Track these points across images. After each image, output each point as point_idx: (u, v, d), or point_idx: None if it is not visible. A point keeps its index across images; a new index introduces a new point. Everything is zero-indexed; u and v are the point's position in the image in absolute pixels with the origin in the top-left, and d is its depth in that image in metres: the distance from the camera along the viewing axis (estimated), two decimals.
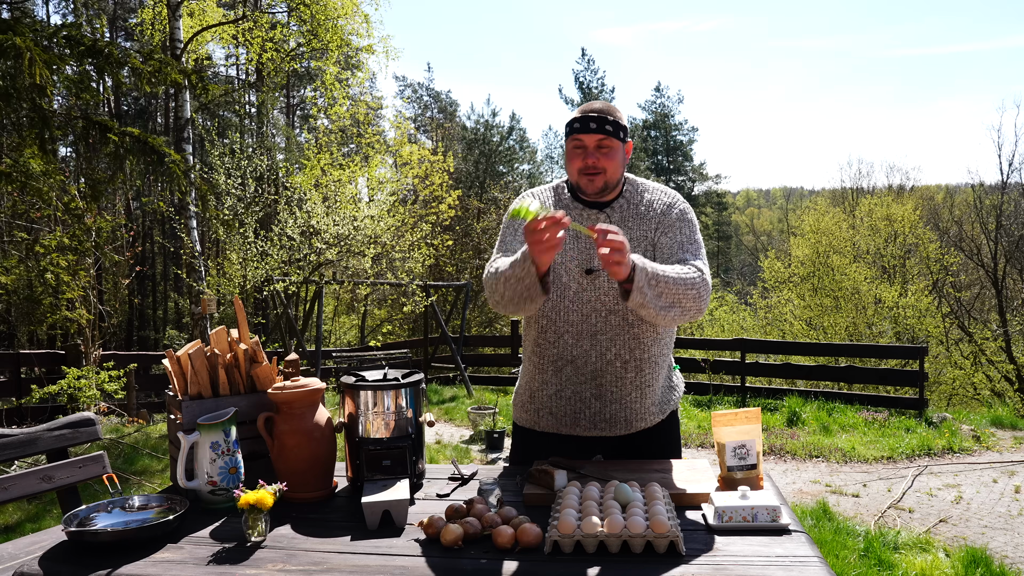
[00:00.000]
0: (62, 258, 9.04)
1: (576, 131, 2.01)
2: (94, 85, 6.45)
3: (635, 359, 2.05)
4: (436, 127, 31.52)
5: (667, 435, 2.19)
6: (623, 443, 2.14)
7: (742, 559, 1.43)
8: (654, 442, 2.16)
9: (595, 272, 2.04)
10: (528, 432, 2.23)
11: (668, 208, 2.10)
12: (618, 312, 2.03)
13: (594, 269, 2.04)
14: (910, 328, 16.36)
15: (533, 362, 2.16)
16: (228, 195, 10.62)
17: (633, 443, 2.15)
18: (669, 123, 38.60)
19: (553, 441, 2.16)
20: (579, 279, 2.05)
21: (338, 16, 13.38)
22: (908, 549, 4.50)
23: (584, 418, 2.10)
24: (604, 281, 2.03)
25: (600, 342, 2.04)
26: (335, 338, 24.86)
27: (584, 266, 2.05)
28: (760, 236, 42.25)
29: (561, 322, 2.07)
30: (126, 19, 25.84)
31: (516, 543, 1.49)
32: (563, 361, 2.09)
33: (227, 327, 2.08)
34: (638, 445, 2.15)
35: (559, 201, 2.15)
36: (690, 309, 1.92)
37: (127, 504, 1.73)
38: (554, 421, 2.14)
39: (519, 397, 2.26)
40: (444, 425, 9.03)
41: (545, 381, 2.13)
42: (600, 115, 2.00)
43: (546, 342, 2.10)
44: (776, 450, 7.46)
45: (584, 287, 2.04)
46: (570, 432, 2.13)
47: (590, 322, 2.04)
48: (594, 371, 2.06)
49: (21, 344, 15.52)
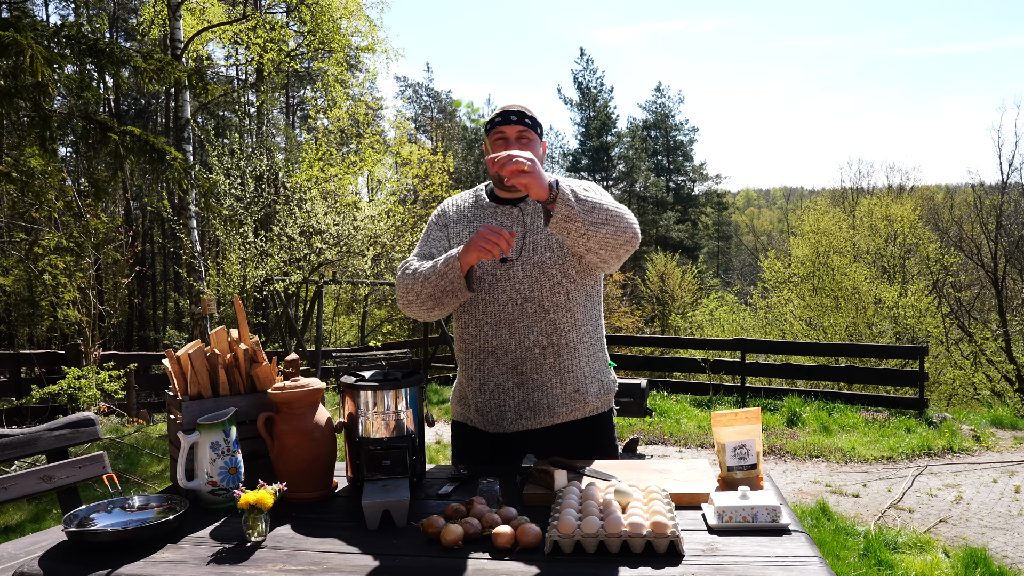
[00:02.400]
0: (60, 259, 9.04)
1: (498, 124, 2.12)
2: (95, 84, 6.45)
3: (553, 344, 2.10)
4: (436, 127, 31.52)
5: (599, 435, 2.21)
6: (551, 436, 2.15)
7: (742, 559, 1.43)
8: (584, 439, 2.18)
9: (509, 261, 2.10)
10: (462, 428, 2.29)
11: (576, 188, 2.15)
12: (534, 299, 2.09)
13: (508, 258, 2.10)
14: (910, 328, 16.36)
15: (460, 358, 2.24)
16: (228, 195, 10.62)
17: (561, 437, 2.15)
18: (669, 123, 38.59)
19: (485, 438, 2.21)
20: (493, 270, 2.11)
21: (340, 17, 13.39)
22: (908, 549, 4.50)
23: (509, 409, 2.14)
24: (518, 270, 2.09)
25: (518, 330, 2.10)
26: (335, 338, 24.87)
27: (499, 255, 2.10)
28: (760, 236, 42.26)
29: (480, 314, 2.13)
30: (126, 19, 25.84)
31: (516, 543, 1.49)
32: (484, 353, 2.14)
33: (227, 327, 2.09)
34: (567, 440, 2.15)
35: (477, 203, 2.23)
36: (625, 230, 1.94)
37: (127, 504, 1.73)
38: (481, 418, 2.19)
39: (453, 395, 2.33)
40: (444, 425, 9.02)
41: (471, 376, 2.19)
42: (519, 110, 2.12)
43: (468, 336, 2.17)
44: (776, 450, 7.46)
45: (499, 277, 2.10)
46: (496, 428, 2.16)
47: (507, 311, 2.10)
48: (514, 360, 2.11)
49: (21, 344, 15.53)
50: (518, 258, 2.10)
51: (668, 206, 36.30)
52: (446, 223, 2.23)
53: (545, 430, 2.15)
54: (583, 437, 2.18)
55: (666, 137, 38.64)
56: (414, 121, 32.71)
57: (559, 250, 2.08)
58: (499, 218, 2.15)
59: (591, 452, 2.17)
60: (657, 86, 44.45)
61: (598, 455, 2.18)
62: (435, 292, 2.02)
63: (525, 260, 2.09)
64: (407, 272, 2.10)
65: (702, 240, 37.85)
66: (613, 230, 1.91)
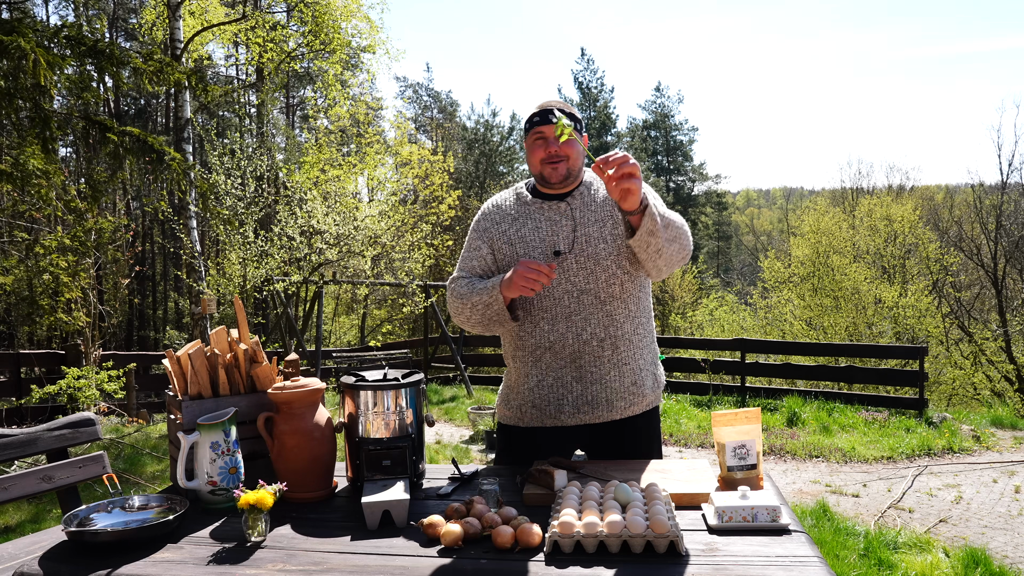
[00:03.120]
0: (61, 259, 9.05)
1: (537, 124, 2.11)
2: (95, 85, 6.45)
3: (610, 336, 2.10)
4: (436, 127, 31.52)
5: (648, 431, 2.22)
6: (605, 432, 2.16)
7: (742, 559, 1.43)
8: (636, 436, 2.18)
9: (563, 254, 2.10)
10: (512, 430, 2.26)
11: None
12: (590, 291, 2.08)
13: (561, 251, 2.10)
14: (910, 328, 16.36)
15: (516, 356, 2.21)
16: (228, 195, 10.62)
17: (615, 434, 2.16)
18: (669, 123, 38.61)
19: (538, 435, 2.19)
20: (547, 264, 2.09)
21: (340, 17, 13.39)
22: (908, 549, 4.50)
23: (567, 403, 2.13)
24: (572, 262, 2.09)
25: (575, 323, 2.09)
26: (335, 338, 24.87)
27: (551, 249, 2.11)
28: (760, 236, 42.23)
29: (535, 310, 2.12)
30: (126, 19, 25.84)
31: (516, 543, 1.49)
32: (541, 349, 2.13)
33: (227, 327, 2.09)
34: (619, 437, 2.16)
35: (519, 201, 2.22)
36: (686, 247, 2.02)
37: (127, 504, 1.73)
38: (538, 413, 2.17)
39: (502, 396, 2.31)
40: (444, 425, 9.02)
41: (527, 373, 2.17)
42: (558, 107, 2.11)
43: (524, 333, 2.15)
44: (776, 450, 7.46)
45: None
46: (554, 423, 2.16)
47: (563, 304, 2.09)
48: (572, 353, 2.11)
49: (21, 344, 15.53)
50: (571, 251, 2.09)
51: (668, 206, 36.23)
52: (487, 227, 2.21)
53: (600, 426, 2.16)
54: (635, 434, 2.18)
55: (666, 137, 38.66)
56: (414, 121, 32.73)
57: (612, 241, 2.08)
58: (547, 213, 2.14)
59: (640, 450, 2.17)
60: (657, 86, 44.46)
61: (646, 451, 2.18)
62: (482, 320, 2.08)
63: (579, 252, 2.08)
64: (455, 294, 2.15)
65: (702, 240, 37.86)
66: (679, 247, 1.98)
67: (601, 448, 2.18)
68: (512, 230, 2.16)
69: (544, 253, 2.11)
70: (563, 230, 2.12)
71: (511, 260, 2.13)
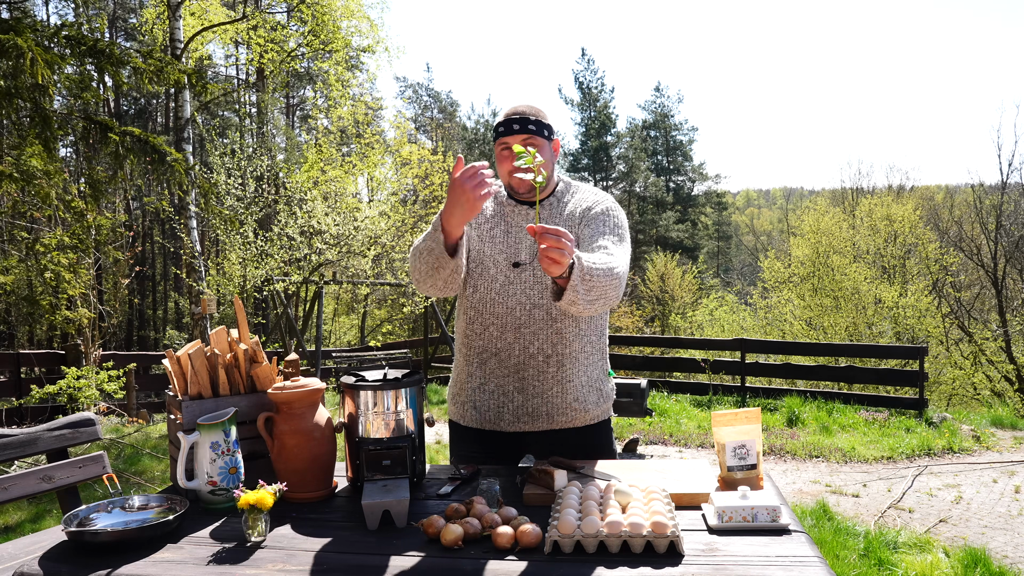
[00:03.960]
0: (63, 256, 9.05)
1: (501, 134, 2.07)
2: (95, 85, 6.45)
3: (557, 353, 2.09)
4: (436, 127, 31.51)
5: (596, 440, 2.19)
6: (548, 438, 2.15)
7: (742, 559, 1.43)
8: (581, 444, 2.16)
9: (522, 265, 2.09)
10: (457, 426, 2.27)
11: (589, 207, 2.14)
12: (542, 306, 2.07)
13: (521, 263, 2.09)
14: (910, 328, 16.36)
15: (462, 353, 2.21)
16: (228, 195, 10.62)
17: (559, 439, 2.15)
18: (669, 123, 38.58)
19: (481, 436, 2.19)
20: (506, 271, 2.10)
21: (340, 17, 13.39)
22: (908, 549, 4.50)
23: (507, 412, 2.13)
24: (530, 275, 2.08)
25: (524, 335, 2.08)
26: (335, 338, 24.87)
27: (512, 259, 2.10)
28: (760, 236, 42.23)
29: (487, 314, 2.11)
30: (126, 19, 25.84)
31: (516, 543, 1.49)
32: (488, 354, 2.13)
33: (227, 327, 2.08)
34: (565, 442, 2.15)
35: (497, 200, 2.21)
36: (612, 299, 1.94)
37: (127, 504, 1.73)
38: (478, 416, 2.17)
39: (450, 391, 2.30)
40: (444, 425, 9.03)
41: (471, 373, 2.17)
42: (523, 116, 2.05)
43: (473, 334, 2.15)
44: (776, 450, 7.46)
45: (511, 280, 2.09)
46: (494, 427, 2.16)
47: (515, 315, 2.08)
48: (517, 364, 2.10)
49: (21, 344, 15.52)
50: (531, 263, 2.09)
51: (668, 206, 36.29)
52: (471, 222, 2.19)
53: (542, 433, 2.15)
54: (580, 442, 2.18)
55: (666, 137, 38.63)
56: (414, 121, 32.72)
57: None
58: (516, 219, 2.14)
59: (588, 456, 2.16)
60: (657, 86, 44.48)
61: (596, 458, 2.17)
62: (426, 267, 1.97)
63: (537, 266, 2.07)
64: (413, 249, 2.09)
65: (702, 240, 37.85)
66: (603, 303, 1.90)
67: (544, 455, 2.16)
68: (486, 227, 2.16)
69: (507, 259, 2.10)
70: (527, 239, 2.11)
71: (477, 253, 2.13)
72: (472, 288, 2.14)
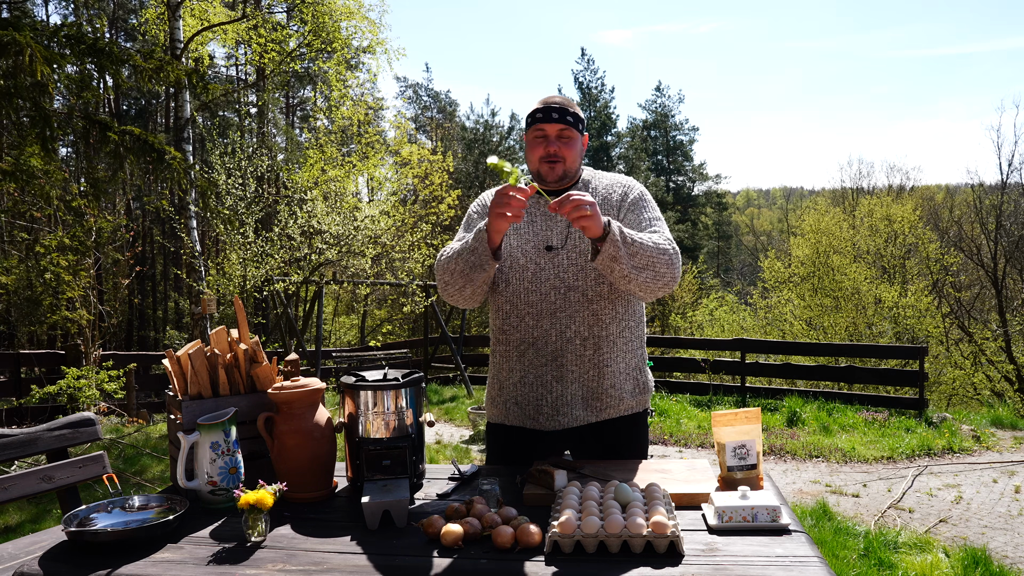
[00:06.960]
0: (62, 257, 9.05)
1: (539, 120, 2.10)
2: (95, 84, 6.45)
3: (594, 336, 2.09)
4: (436, 127, 31.52)
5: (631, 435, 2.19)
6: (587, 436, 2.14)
7: (742, 559, 1.43)
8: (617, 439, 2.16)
9: (555, 249, 2.09)
10: (499, 428, 2.25)
11: (625, 193, 2.17)
12: (577, 288, 2.07)
13: (553, 246, 2.09)
14: (910, 328, 16.35)
15: (499, 351, 2.21)
16: (228, 195, 10.62)
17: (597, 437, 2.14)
18: (669, 123, 38.57)
19: (523, 435, 2.18)
20: (537, 259, 2.10)
21: (340, 17, 13.39)
22: (908, 549, 4.50)
23: (546, 404, 2.11)
24: (563, 258, 2.08)
25: (560, 320, 2.08)
26: (335, 338, 24.87)
27: (544, 244, 2.11)
28: (760, 236, 42.22)
29: (522, 304, 2.11)
30: (126, 19, 25.84)
31: (516, 543, 1.49)
32: (525, 344, 2.12)
33: (227, 327, 2.08)
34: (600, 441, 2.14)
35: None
36: (664, 275, 1.95)
37: (127, 504, 1.73)
38: (519, 411, 2.16)
39: (489, 392, 2.29)
40: (444, 425, 9.02)
41: (510, 368, 2.17)
42: (561, 106, 2.09)
43: (509, 327, 2.15)
44: (776, 450, 7.46)
45: (543, 266, 2.09)
46: (533, 424, 2.14)
47: (549, 300, 2.08)
48: (554, 351, 2.09)
49: (21, 344, 15.51)
50: (563, 246, 2.09)
51: (668, 206, 36.28)
52: (485, 213, 2.20)
53: (580, 429, 2.13)
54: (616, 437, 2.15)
55: (666, 137, 38.62)
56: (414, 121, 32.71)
57: None
58: (543, 208, 2.15)
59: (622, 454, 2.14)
60: (657, 86, 44.41)
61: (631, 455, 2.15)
62: (465, 268, 2.00)
63: (571, 248, 2.08)
64: (442, 256, 2.11)
65: (702, 240, 37.82)
66: (653, 275, 1.93)
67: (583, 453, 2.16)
68: None
69: (536, 247, 2.11)
70: (557, 225, 2.12)
71: (503, 249, 2.12)
72: (504, 283, 2.13)
